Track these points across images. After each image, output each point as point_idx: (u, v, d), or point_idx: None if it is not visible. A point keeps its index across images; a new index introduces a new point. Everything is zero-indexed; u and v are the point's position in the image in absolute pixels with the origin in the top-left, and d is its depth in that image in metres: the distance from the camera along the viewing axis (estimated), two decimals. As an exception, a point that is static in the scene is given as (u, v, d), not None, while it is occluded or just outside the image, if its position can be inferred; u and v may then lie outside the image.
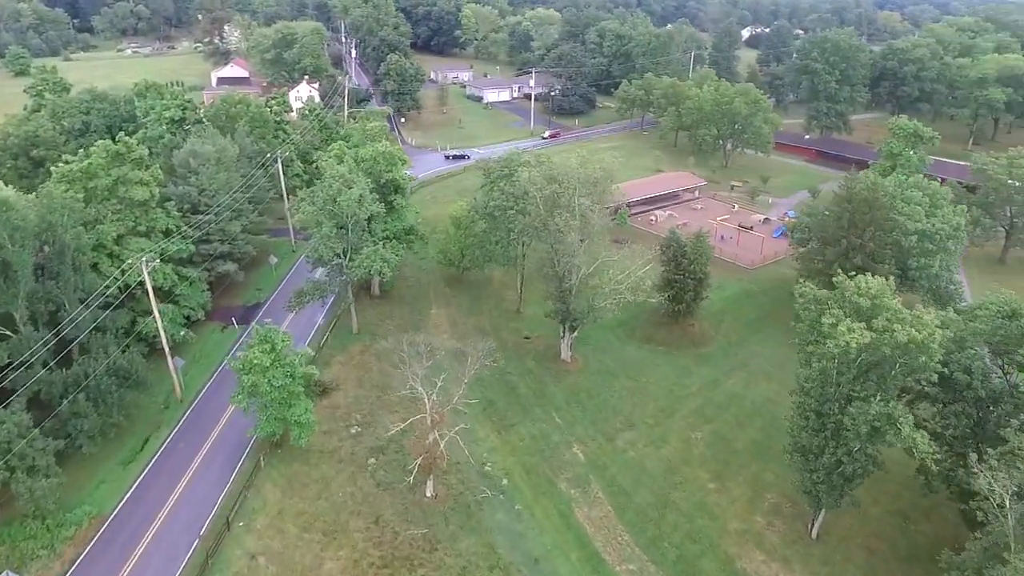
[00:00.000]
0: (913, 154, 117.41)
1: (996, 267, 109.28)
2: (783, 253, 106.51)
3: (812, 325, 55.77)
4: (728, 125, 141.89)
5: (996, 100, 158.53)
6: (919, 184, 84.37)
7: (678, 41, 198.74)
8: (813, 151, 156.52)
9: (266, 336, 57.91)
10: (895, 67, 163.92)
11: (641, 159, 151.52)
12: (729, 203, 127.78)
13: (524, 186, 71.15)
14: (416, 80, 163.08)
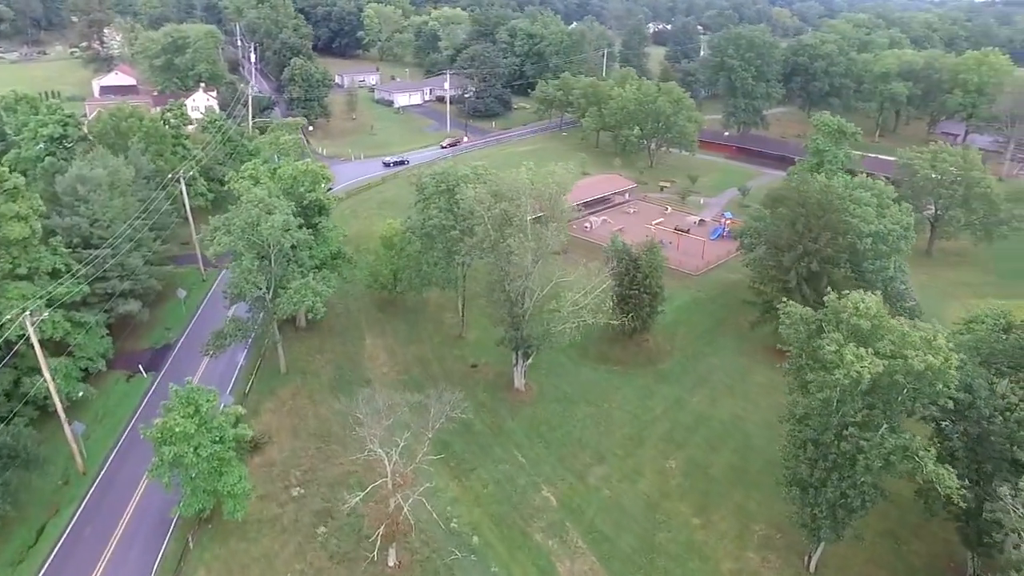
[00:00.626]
0: (839, 150, 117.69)
1: (923, 259, 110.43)
2: (725, 256, 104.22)
3: (802, 348, 51.89)
4: (652, 124, 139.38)
5: (899, 94, 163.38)
6: (865, 184, 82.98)
7: (590, 39, 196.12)
8: (733, 147, 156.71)
9: (188, 397, 49.08)
10: (806, 63, 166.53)
11: (565, 162, 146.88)
12: (662, 205, 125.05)
13: (470, 204, 64.47)
14: (323, 85, 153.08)
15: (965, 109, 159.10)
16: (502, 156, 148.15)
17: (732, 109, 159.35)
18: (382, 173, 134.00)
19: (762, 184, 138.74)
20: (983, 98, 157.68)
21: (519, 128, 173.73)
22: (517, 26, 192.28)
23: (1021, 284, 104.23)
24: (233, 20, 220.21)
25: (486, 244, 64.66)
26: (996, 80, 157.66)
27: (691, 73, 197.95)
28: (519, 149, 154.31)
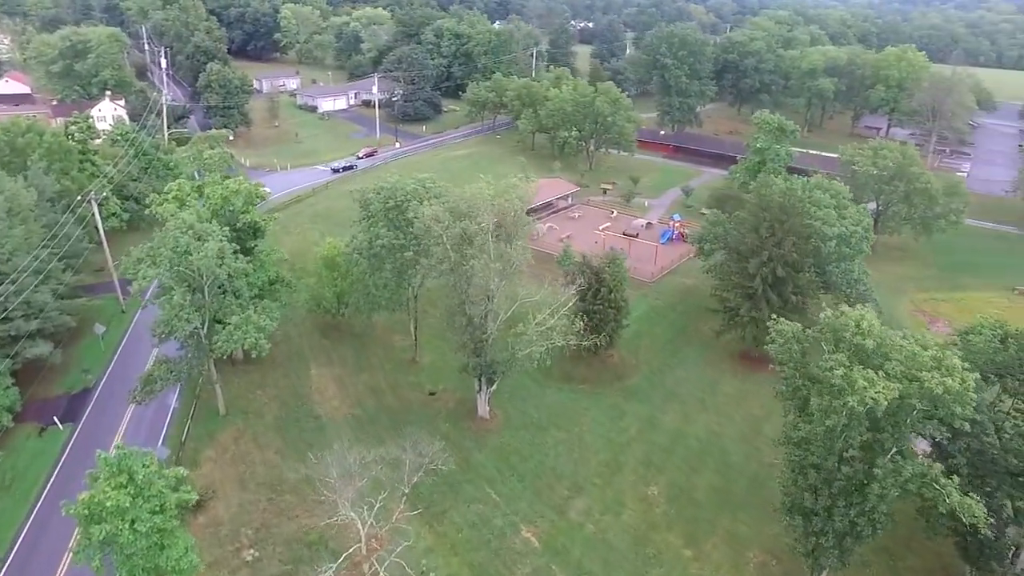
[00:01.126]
0: (780, 148, 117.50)
1: (866, 256, 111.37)
2: (677, 260, 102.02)
3: (796, 368, 48.94)
4: (590, 125, 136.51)
5: (826, 90, 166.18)
6: (822, 184, 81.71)
7: (517, 39, 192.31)
8: (670, 146, 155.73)
9: (120, 464, 42.12)
10: (736, 60, 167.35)
11: (503, 166, 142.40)
12: (607, 209, 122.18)
13: (426, 223, 59.08)
14: (243, 92, 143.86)
15: (888, 104, 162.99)
16: (437, 161, 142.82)
17: (667, 108, 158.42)
18: (312, 184, 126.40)
19: (703, 183, 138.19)
20: (903, 93, 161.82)
21: (451, 131, 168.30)
22: (443, 26, 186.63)
23: (959, 276, 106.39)
24: (137, 22, 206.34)
25: (445, 266, 59.44)
26: (914, 75, 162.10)
27: (620, 72, 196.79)
28: (454, 154, 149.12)
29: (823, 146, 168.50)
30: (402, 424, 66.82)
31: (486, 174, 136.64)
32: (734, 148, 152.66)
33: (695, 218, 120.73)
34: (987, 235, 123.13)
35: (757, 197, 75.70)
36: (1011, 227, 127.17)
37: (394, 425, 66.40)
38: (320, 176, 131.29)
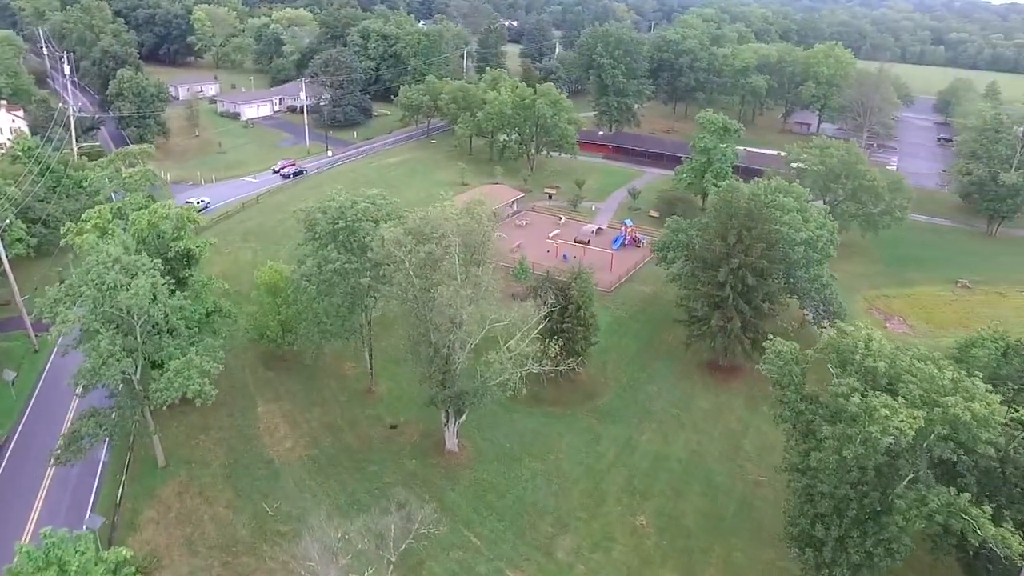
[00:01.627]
0: (725, 147, 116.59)
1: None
2: (633, 267, 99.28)
3: (798, 390, 46.19)
4: (531, 128, 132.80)
5: (759, 87, 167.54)
6: (783, 188, 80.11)
7: (447, 39, 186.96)
8: (609, 147, 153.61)
9: (48, 556, 35.64)
10: (671, 58, 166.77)
11: (442, 173, 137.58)
12: (554, 215, 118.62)
13: (387, 248, 53.73)
14: (159, 100, 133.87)
15: (819, 100, 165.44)
16: (371, 170, 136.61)
17: (604, 108, 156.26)
18: (242, 198, 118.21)
19: (647, 184, 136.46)
20: (833, 89, 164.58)
21: (383, 137, 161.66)
22: (370, 27, 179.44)
23: (905, 271, 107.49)
24: (32, 24, 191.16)
25: (410, 294, 54.24)
26: (842, 72, 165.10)
27: (553, 71, 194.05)
28: (389, 161, 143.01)
29: (756, 142, 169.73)
30: (364, 464, 61.53)
31: (424, 181, 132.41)
32: (674, 147, 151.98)
33: (644, 221, 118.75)
34: (923, 228, 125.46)
35: (723, 203, 73.23)
36: (942, 219, 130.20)
37: (356, 466, 60.94)
38: (250, 188, 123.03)
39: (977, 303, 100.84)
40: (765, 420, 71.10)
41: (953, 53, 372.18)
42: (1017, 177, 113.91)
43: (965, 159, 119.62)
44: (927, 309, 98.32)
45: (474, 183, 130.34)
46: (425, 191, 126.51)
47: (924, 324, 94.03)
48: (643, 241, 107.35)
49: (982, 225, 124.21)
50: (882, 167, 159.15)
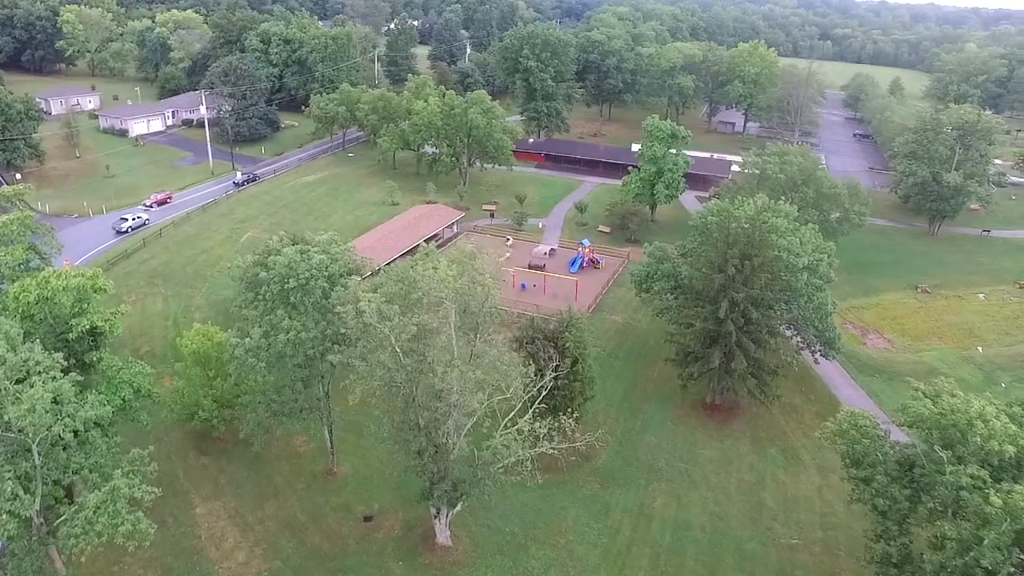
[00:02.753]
0: (677, 156, 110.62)
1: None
2: (599, 292, 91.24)
3: (888, 472, 38.92)
4: (464, 139, 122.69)
5: (687, 87, 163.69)
6: (772, 207, 73.71)
7: (355, 42, 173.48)
8: (542, 156, 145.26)
9: None
10: (597, 60, 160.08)
11: (368, 191, 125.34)
12: (500, 235, 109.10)
13: (366, 321, 42.79)
14: (29, 118, 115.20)
15: (746, 99, 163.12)
16: (287, 191, 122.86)
17: (533, 113, 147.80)
18: (142, 232, 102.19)
19: (590, 194, 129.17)
20: (758, 87, 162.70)
21: (295, 152, 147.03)
22: (270, 31, 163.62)
23: (867, 277, 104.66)
24: None
25: (398, 377, 43.51)
26: (767, 70, 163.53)
27: (468, 74, 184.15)
28: (305, 179, 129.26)
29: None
30: (340, 573, 50.37)
31: (349, 202, 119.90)
32: (610, 154, 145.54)
33: (595, 238, 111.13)
34: (869, 230, 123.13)
35: (719, 229, 65.84)
36: (884, 221, 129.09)
37: (331, 578, 49.75)
38: (149, 219, 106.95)
39: (941, 309, 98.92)
40: (777, 466, 64.88)
41: (839, 48, 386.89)
42: (959, 177, 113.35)
43: (905, 160, 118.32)
44: (898, 320, 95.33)
45: (405, 202, 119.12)
46: (352, 214, 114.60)
47: (900, 337, 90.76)
48: (601, 262, 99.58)
49: (923, 225, 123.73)
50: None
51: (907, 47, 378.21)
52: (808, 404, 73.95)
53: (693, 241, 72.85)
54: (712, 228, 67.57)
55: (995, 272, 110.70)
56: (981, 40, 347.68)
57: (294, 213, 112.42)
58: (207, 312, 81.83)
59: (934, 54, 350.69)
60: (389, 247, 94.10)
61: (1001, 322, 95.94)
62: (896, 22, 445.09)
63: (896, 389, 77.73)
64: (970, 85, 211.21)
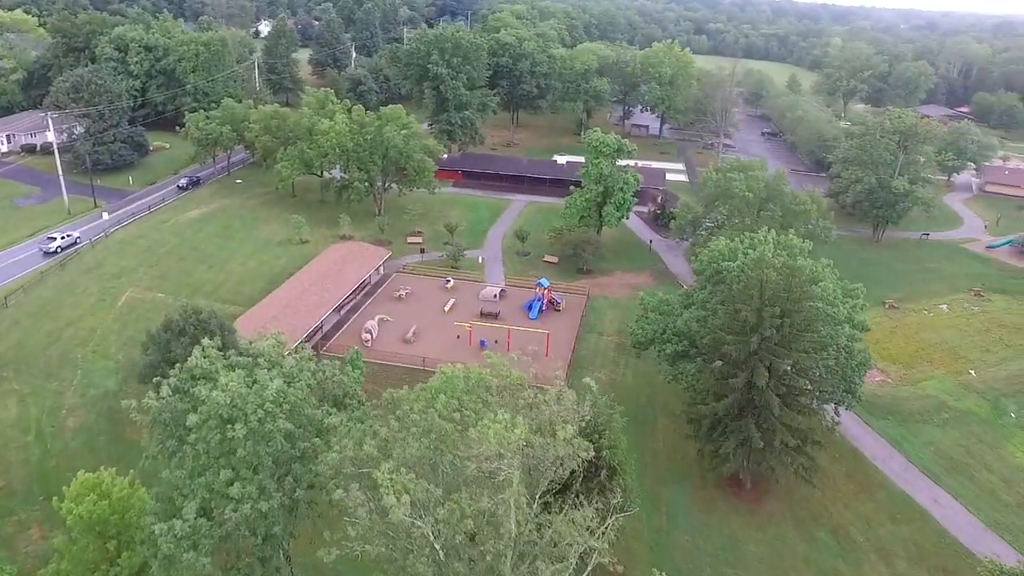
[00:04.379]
0: (626, 174, 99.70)
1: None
2: (572, 345, 78.46)
3: None
4: (380, 162, 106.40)
5: (603, 90, 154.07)
6: (778, 240, 63.50)
7: (231, 49, 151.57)
8: (459, 173, 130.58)
9: None
10: (509, 64, 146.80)
11: (268, 227, 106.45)
12: (439, 276, 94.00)
13: (396, 518, 27.63)
14: None
15: (664, 102, 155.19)
16: (169, 232, 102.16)
17: (446, 126, 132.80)
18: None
19: (525, 218, 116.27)
20: (675, 89, 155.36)
21: (170, 179, 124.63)
22: (127, 35, 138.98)
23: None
24: None
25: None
26: (683, 71, 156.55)
27: (361, 82, 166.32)
28: (188, 215, 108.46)
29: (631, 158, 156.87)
30: None
31: (248, 243, 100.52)
32: (535, 168, 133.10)
33: (540, 268, 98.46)
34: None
35: (748, 280, 54.50)
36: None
37: None
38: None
39: (915, 326, 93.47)
40: (833, 555, 55.13)
41: (715, 42, 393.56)
42: (905, 182, 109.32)
43: (851, 166, 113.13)
44: (880, 344, 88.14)
45: (316, 239, 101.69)
46: (254, 258, 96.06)
47: (892, 365, 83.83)
48: (561, 303, 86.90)
49: (867, 231, 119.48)
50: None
51: (776, 41, 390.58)
52: (835, 464, 64.47)
53: (703, 290, 61.56)
54: (737, 278, 56.25)
55: (948, 279, 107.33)
56: (843, 35, 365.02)
57: (182, 262, 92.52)
58: (85, 416, 62.67)
59: (802, 48, 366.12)
60: (314, 305, 77.21)
61: (976, 337, 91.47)
62: (760, 17, 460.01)
63: (915, 433, 70.44)
64: (857, 80, 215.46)
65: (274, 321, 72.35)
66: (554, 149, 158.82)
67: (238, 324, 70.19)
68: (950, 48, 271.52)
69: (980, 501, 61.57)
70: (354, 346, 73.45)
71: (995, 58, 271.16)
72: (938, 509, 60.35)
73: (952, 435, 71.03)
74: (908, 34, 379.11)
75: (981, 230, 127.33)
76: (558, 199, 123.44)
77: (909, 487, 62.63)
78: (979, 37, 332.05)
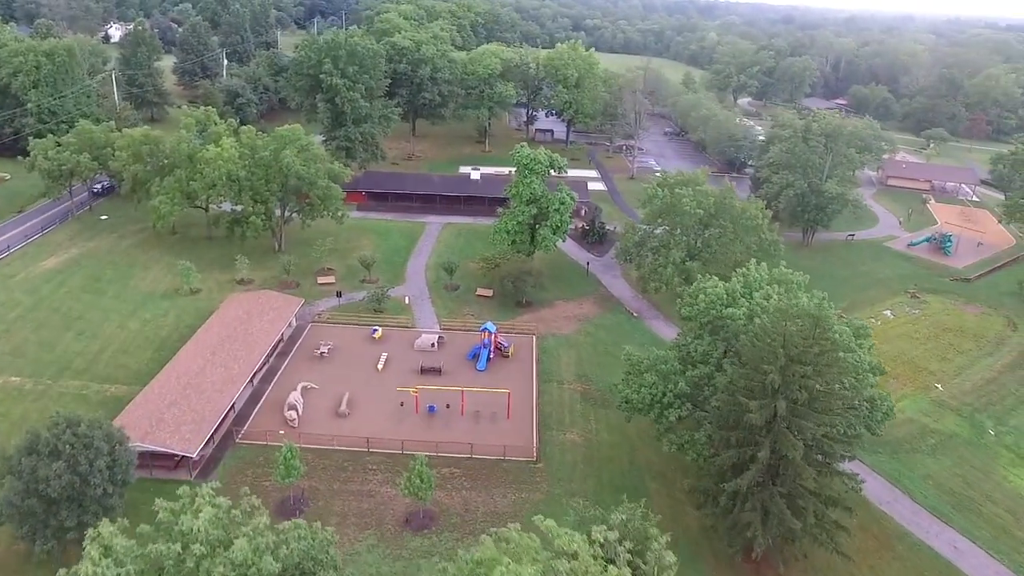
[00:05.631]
0: (562, 193, 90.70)
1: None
2: (535, 400, 68.31)
3: None
4: (279, 191, 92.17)
5: (508, 96, 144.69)
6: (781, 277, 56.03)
7: (81, 59, 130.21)
8: (363, 194, 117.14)
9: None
10: (407, 71, 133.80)
11: (146, 277, 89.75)
12: (360, 324, 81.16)
13: None
14: None
15: (571, 106, 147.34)
16: (20, 289, 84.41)
17: (345, 143, 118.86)
18: None
19: (443, 243, 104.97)
20: (582, 91, 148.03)
21: (14, 220, 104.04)
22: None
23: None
24: None
25: None
26: (589, 72, 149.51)
27: (238, 94, 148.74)
28: (44, 266, 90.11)
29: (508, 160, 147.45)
30: None
31: (123, 298, 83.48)
32: (448, 186, 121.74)
33: (472, 304, 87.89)
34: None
35: (768, 335, 46.21)
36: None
37: None
38: None
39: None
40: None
41: (593, 38, 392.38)
42: (836, 186, 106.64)
43: (781, 171, 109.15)
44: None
45: (209, 287, 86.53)
46: (134, 318, 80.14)
47: (862, 388, 79.19)
48: (507, 347, 76.57)
49: (796, 235, 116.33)
50: (650, 172, 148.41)
51: (653, 36, 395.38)
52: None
53: (699, 340, 53.09)
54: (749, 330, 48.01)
55: (883, 282, 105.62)
56: (716, 29, 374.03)
57: (41, 330, 75.24)
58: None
59: (678, 43, 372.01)
60: (222, 382, 63.02)
61: (928, 345, 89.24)
62: (634, 12, 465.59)
63: (909, 466, 66.01)
64: (747, 76, 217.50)
65: (173, 409, 58.13)
66: (459, 160, 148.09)
67: (129, 418, 55.66)
68: (820, 43, 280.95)
69: (999, 543, 57.02)
70: (280, 431, 60.37)
71: (859, 51, 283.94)
72: (962, 558, 55.35)
73: (944, 463, 66.95)
74: (772, 28, 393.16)
75: (896, 227, 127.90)
76: (476, 219, 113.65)
77: (924, 533, 57.40)
78: (836, 32, 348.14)
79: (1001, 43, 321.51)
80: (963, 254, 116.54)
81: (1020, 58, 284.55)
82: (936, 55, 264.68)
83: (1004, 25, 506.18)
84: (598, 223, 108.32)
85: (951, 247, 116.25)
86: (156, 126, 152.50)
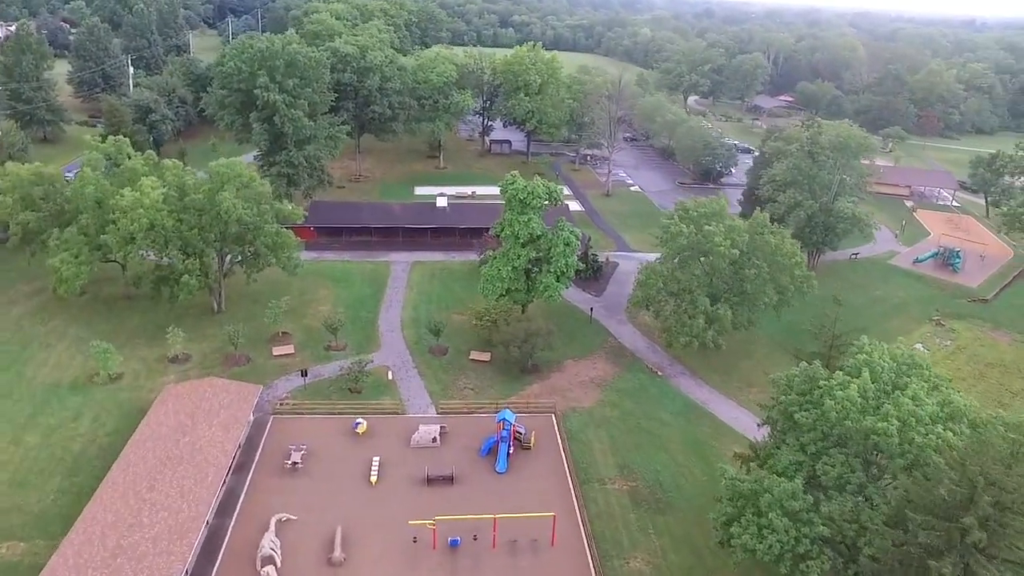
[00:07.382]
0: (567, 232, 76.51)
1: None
2: (575, 509, 53.85)
3: None
4: (216, 243, 74.45)
5: (465, 105, 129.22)
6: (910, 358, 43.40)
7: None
8: (311, 230, 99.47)
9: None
10: (353, 81, 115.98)
11: (46, 360, 70.35)
12: (339, 415, 64.54)
13: None
14: None
15: (535, 116, 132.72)
16: None
17: (287, 168, 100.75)
18: None
19: (417, 289, 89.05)
20: (545, 99, 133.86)
21: None
22: None
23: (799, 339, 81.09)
24: None
25: None
26: (553, 78, 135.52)
27: (151, 110, 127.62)
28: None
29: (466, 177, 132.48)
30: None
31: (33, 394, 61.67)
32: (410, 216, 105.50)
33: (467, 374, 72.59)
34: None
35: (968, 473, 33.22)
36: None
37: None
38: None
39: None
40: None
41: (521, 35, 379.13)
42: (848, 204, 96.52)
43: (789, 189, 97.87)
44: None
45: (131, 370, 68.24)
46: (36, 426, 61.43)
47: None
48: (527, 435, 61.64)
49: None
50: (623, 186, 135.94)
51: (583, 32, 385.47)
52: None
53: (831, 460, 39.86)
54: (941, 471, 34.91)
55: (902, 308, 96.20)
56: (648, 24, 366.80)
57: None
58: None
59: (609, 38, 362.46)
60: (170, 531, 45.93)
61: (978, 385, 79.85)
62: (560, 7, 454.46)
63: None
64: (698, 74, 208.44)
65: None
66: (412, 179, 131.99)
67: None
68: (758, 39, 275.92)
69: None
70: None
71: (797, 46, 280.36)
72: None
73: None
74: (699, 23, 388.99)
75: (893, 240, 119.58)
76: (448, 254, 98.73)
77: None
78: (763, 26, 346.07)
79: (927, 38, 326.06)
80: (970, 269, 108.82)
81: (948, 53, 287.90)
82: (871, 50, 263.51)
83: (907, 19, 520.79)
84: (591, 255, 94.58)
85: (959, 264, 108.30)
86: (50, 148, 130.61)
